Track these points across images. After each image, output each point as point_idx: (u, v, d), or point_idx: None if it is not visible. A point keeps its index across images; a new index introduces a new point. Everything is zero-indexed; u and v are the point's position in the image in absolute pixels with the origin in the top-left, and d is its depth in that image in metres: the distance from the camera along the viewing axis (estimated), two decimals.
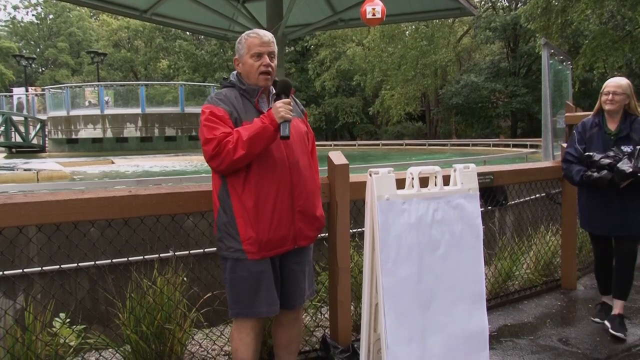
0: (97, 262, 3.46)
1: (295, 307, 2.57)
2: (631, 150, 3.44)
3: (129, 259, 3.34)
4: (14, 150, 22.28)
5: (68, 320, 2.90)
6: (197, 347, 3.15)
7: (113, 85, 24.26)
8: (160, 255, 3.49)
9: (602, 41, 18.70)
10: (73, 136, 20.34)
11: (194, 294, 3.26)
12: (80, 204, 2.42)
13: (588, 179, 3.51)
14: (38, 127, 22.37)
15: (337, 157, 3.04)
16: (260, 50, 2.41)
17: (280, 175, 2.36)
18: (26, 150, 22.00)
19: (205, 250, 3.60)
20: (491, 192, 4.37)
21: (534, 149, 15.94)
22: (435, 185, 2.61)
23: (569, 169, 3.71)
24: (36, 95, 27.35)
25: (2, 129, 21.07)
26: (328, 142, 31.21)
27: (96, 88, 21.73)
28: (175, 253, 3.57)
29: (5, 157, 21.21)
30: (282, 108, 2.29)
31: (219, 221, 2.42)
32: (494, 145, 23.62)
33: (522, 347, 3.38)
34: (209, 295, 3.25)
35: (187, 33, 38.99)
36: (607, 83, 3.63)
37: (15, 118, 22.30)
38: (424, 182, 2.60)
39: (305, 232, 2.46)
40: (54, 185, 6.75)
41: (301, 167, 2.44)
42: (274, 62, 2.46)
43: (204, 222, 3.24)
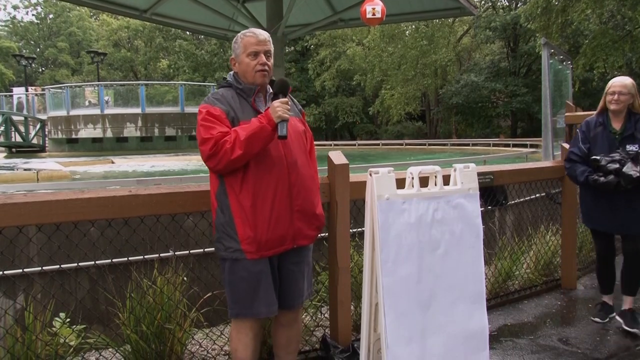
0: (97, 262, 3.46)
1: (293, 308, 2.57)
2: (635, 155, 3.44)
3: (129, 258, 3.34)
4: (14, 150, 22.28)
5: (68, 320, 2.90)
6: (197, 346, 3.15)
7: (113, 85, 24.25)
8: (160, 255, 3.49)
9: (602, 41, 18.69)
10: (73, 136, 20.34)
11: (194, 293, 3.26)
12: (80, 204, 2.42)
13: (595, 182, 3.48)
14: (38, 126, 22.37)
15: (337, 156, 3.05)
16: (256, 49, 2.41)
17: (278, 174, 2.35)
18: (26, 150, 22.00)
19: (205, 250, 3.60)
20: (491, 191, 4.37)
21: (534, 149, 15.94)
22: (435, 185, 2.61)
23: (573, 169, 3.69)
24: (36, 95, 27.36)
25: (2, 128, 21.09)
26: (328, 142, 31.20)
27: (96, 88, 21.73)
28: (175, 253, 3.57)
29: (5, 157, 21.21)
30: (279, 107, 2.29)
31: (217, 221, 2.41)
32: (494, 145, 23.62)
33: (522, 347, 3.38)
34: (209, 295, 3.25)
35: (187, 33, 38.99)
36: (612, 83, 3.62)
37: (15, 118, 22.31)
38: (424, 181, 2.60)
39: (305, 231, 2.45)
40: (54, 185, 6.75)
41: (299, 166, 2.43)
42: (270, 60, 2.46)
43: (204, 221, 3.24)
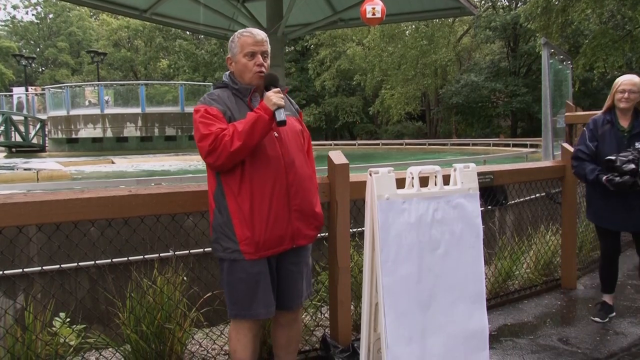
0: (97, 262, 3.46)
1: (292, 308, 2.56)
2: None
3: (129, 258, 3.34)
4: (14, 149, 22.27)
5: (68, 319, 2.90)
6: (197, 346, 3.15)
7: (113, 84, 24.25)
8: (161, 254, 3.50)
9: (602, 41, 18.69)
10: (73, 136, 20.32)
11: (194, 293, 3.26)
12: (80, 204, 2.42)
13: (610, 182, 3.46)
14: (38, 126, 22.37)
15: (337, 156, 3.04)
16: (253, 49, 2.40)
17: (275, 174, 2.34)
18: (26, 149, 22.00)
19: (205, 249, 3.60)
20: (491, 191, 4.36)
21: (534, 149, 15.94)
22: (435, 184, 2.61)
23: (581, 167, 3.66)
24: (36, 94, 27.36)
25: (2, 128, 21.08)
26: (328, 142, 31.19)
27: (96, 88, 21.72)
28: (175, 252, 3.57)
29: (5, 157, 21.21)
30: (274, 96, 2.29)
31: (215, 222, 2.40)
32: (494, 145, 23.61)
33: (522, 347, 3.38)
34: (209, 294, 3.25)
35: (187, 33, 38.99)
36: (621, 81, 3.61)
37: (15, 118, 22.31)
38: (424, 181, 2.60)
39: (304, 231, 2.44)
40: (54, 184, 6.75)
41: (297, 165, 2.42)
42: (267, 61, 2.45)
43: (204, 221, 3.23)
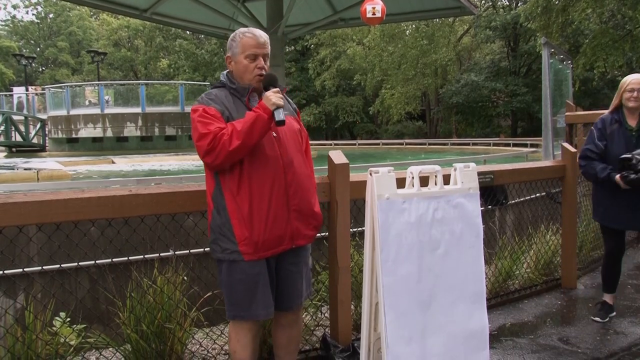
0: (97, 262, 3.46)
1: (293, 309, 2.55)
2: None
3: (129, 258, 3.34)
4: (14, 149, 22.27)
5: (68, 319, 2.90)
6: (198, 346, 3.15)
7: (113, 84, 24.25)
8: (161, 254, 3.50)
9: (602, 40, 18.69)
10: (73, 135, 20.33)
11: (194, 293, 3.26)
12: (80, 203, 2.42)
13: (624, 179, 3.45)
14: (38, 126, 22.37)
15: (337, 156, 3.04)
16: (255, 52, 2.38)
17: (274, 174, 2.33)
18: (26, 149, 22.00)
19: (205, 249, 3.60)
20: (491, 191, 4.36)
21: (534, 148, 15.95)
22: (436, 184, 2.61)
23: (591, 166, 3.65)
24: (36, 94, 27.36)
25: (2, 128, 21.08)
26: (328, 142, 31.19)
27: (96, 87, 21.72)
28: (176, 252, 3.57)
29: (5, 157, 21.21)
30: (273, 96, 2.28)
31: (213, 223, 2.39)
32: (494, 145, 23.60)
33: (522, 346, 3.38)
34: (209, 294, 3.26)
35: (188, 32, 38.98)
36: (630, 80, 3.61)
37: (15, 117, 22.30)
38: (424, 181, 2.60)
39: (303, 231, 2.44)
40: (54, 184, 6.75)
41: (295, 165, 2.41)
42: (267, 63, 2.44)
43: (204, 221, 3.22)
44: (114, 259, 3.42)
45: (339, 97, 35.71)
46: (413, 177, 2.57)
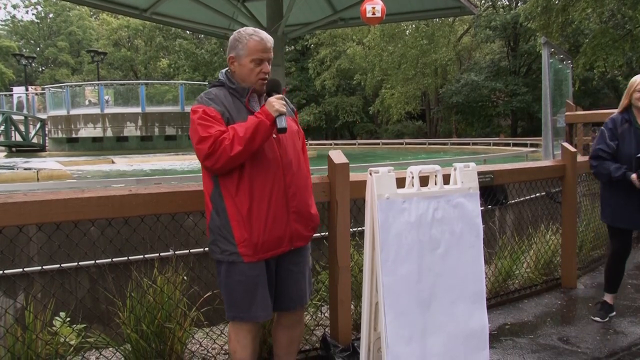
0: (97, 261, 3.46)
1: (295, 309, 2.54)
2: None
3: (129, 258, 3.34)
4: (14, 149, 22.26)
5: (68, 319, 2.90)
6: (197, 345, 3.15)
7: (113, 84, 24.24)
8: (161, 254, 3.50)
9: (602, 40, 18.68)
10: (73, 135, 20.33)
11: (194, 292, 3.26)
12: (80, 203, 2.42)
13: None
14: (38, 126, 22.37)
15: (337, 156, 3.04)
16: (262, 56, 2.35)
17: (274, 175, 2.32)
18: (26, 149, 22.00)
19: (205, 249, 3.60)
20: (491, 191, 4.36)
21: (534, 148, 15.95)
22: (436, 184, 2.61)
23: (604, 166, 3.63)
24: (36, 94, 27.35)
25: (2, 128, 21.07)
26: (328, 141, 31.21)
27: (96, 87, 21.72)
28: (176, 252, 3.57)
29: (5, 156, 21.21)
30: (276, 102, 2.27)
31: (212, 224, 2.37)
32: (494, 144, 23.61)
33: (522, 346, 3.38)
34: (209, 294, 3.25)
35: (187, 32, 38.98)
36: (639, 81, 3.61)
37: (15, 117, 22.29)
38: (424, 181, 2.60)
39: (302, 232, 2.43)
40: (54, 184, 6.76)
41: (294, 166, 2.41)
42: (270, 67, 2.43)
43: (204, 221, 3.23)
44: (114, 259, 3.42)
45: (339, 96, 35.71)
46: (413, 177, 2.57)
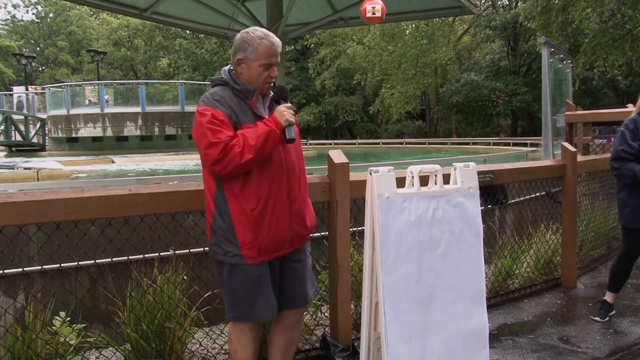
0: (97, 261, 3.46)
1: (299, 307, 2.55)
2: None
3: (129, 257, 3.34)
4: (14, 149, 22.26)
5: (68, 319, 2.90)
6: (197, 345, 3.16)
7: (113, 84, 24.26)
8: (161, 253, 3.50)
9: (602, 40, 18.68)
10: (73, 135, 20.33)
11: (194, 292, 3.26)
12: (80, 203, 2.42)
13: None
14: (38, 125, 22.36)
15: (337, 155, 3.04)
16: (271, 61, 2.34)
17: (278, 178, 2.33)
18: (26, 149, 21.99)
19: (205, 248, 3.60)
20: (491, 190, 4.36)
21: (534, 148, 15.96)
22: (436, 183, 2.61)
23: (627, 167, 3.61)
24: (36, 94, 27.36)
25: (2, 127, 21.06)
26: (328, 141, 31.24)
27: (96, 87, 21.73)
28: (176, 252, 3.57)
29: (5, 156, 21.21)
30: (286, 112, 2.28)
31: (215, 225, 2.36)
32: (494, 144, 23.64)
33: (522, 346, 3.38)
34: (209, 293, 3.25)
35: (187, 32, 38.97)
36: None
37: (15, 117, 22.28)
38: (424, 180, 2.60)
39: (302, 233, 2.45)
40: (54, 184, 6.76)
41: (296, 169, 2.42)
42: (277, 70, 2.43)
43: (204, 220, 3.23)
44: (113, 259, 3.42)
45: (339, 96, 35.72)
46: (413, 177, 2.57)
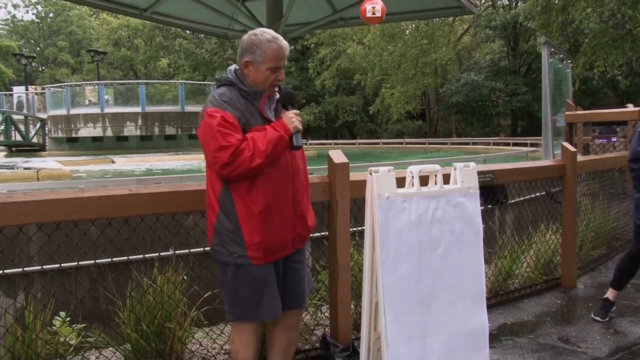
0: (97, 261, 3.46)
1: (300, 307, 2.57)
2: None
3: (129, 257, 3.34)
4: (14, 149, 22.25)
5: (68, 319, 2.90)
6: (197, 345, 3.16)
7: (113, 83, 24.25)
8: (161, 253, 3.50)
9: (602, 40, 18.68)
10: (73, 135, 20.31)
11: (194, 292, 3.26)
12: (80, 203, 2.42)
13: None
14: (38, 125, 22.36)
15: (337, 155, 3.04)
16: (279, 64, 2.34)
17: (285, 181, 2.34)
18: (26, 149, 21.98)
19: (205, 248, 3.60)
20: (491, 190, 4.36)
21: (534, 148, 15.96)
22: (435, 183, 2.61)
23: None
24: (36, 94, 27.36)
25: (2, 127, 21.06)
26: (328, 141, 31.24)
27: (96, 87, 21.72)
28: (176, 252, 3.57)
29: (5, 156, 21.20)
30: (295, 118, 2.30)
31: (220, 226, 2.35)
32: (494, 144, 23.63)
33: (522, 346, 3.38)
34: (209, 293, 3.25)
35: (187, 32, 38.98)
36: None
37: (15, 117, 22.27)
38: (424, 180, 2.60)
39: (303, 234, 2.47)
40: (54, 184, 6.76)
41: (300, 172, 2.44)
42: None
43: (204, 220, 3.23)
44: (113, 259, 3.42)
45: (339, 96, 35.73)
46: (413, 177, 2.57)
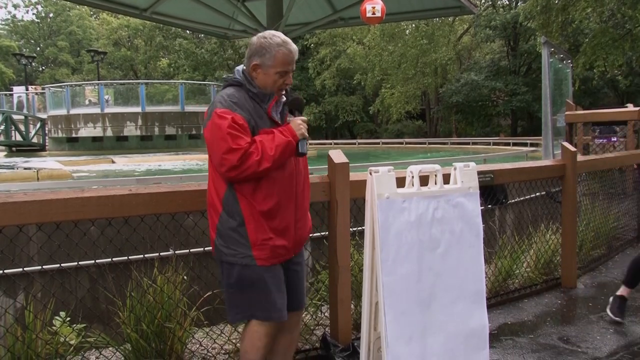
0: (97, 261, 3.46)
1: (300, 308, 2.59)
2: None
3: (129, 257, 3.33)
4: (14, 149, 22.26)
5: (68, 319, 2.90)
6: (197, 345, 3.16)
7: (113, 83, 24.25)
8: (161, 253, 3.50)
9: (602, 39, 18.67)
10: (73, 135, 20.31)
11: (194, 292, 3.26)
12: (80, 203, 2.42)
13: None
14: (38, 125, 22.36)
15: (337, 155, 3.04)
16: (288, 69, 2.34)
17: (289, 184, 2.36)
18: (26, 149, 21.98)
19: (205, 248, 3.60)
20: (491, 190, 4.36)
21: (534, 148, 15.97)
22: (435, 183, 2.61)
23: None
24: (36, 94, 27.36)
25: (2, 127, 21.06)
26: (328, 141, 31.22)
27: (96, 87, 21.72)
28: (176, 252, 3.57)
29: (5, 156, 21.21)
30: (302, 125, 2.31)
31: (224, 226, 2.34)
32: (494, 144, 23.63)
33: (522, 346, 3.38)
34: (209, 293, 3.26)
35: (187, 32, 38.97)
36: None
37: (15, 117, 22.27)
38: (424, 180, 2.60)
39: (303, 236, 2.48)
40: (54, 184, 6.76)
41: (303, 175, 2.46)
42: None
43: (204, 220, 3.23)
44: (113, 259, 3.42)
45: (339, 96, 35.71)
46: (413, 177, 2.57)
